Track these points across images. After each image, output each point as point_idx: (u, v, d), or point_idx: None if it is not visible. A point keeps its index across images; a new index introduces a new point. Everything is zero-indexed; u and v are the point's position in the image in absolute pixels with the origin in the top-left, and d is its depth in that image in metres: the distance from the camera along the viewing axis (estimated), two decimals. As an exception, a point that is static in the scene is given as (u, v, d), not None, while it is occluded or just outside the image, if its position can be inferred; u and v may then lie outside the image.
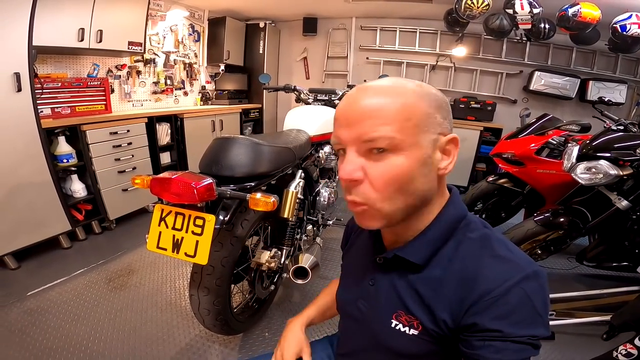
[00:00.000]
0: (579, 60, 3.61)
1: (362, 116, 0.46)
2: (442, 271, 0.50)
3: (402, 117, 0.45)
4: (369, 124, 0.45)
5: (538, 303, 0.44)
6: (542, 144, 2.07)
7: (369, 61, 4.22)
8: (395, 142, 0.45)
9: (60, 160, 2.16)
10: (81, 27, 2.28)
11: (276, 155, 1.21)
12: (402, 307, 0.52)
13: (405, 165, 0.45)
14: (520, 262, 0.47)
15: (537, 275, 0.46)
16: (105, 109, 2.57)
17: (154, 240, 0.95)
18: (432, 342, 0.50)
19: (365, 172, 0.46)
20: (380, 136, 0.44)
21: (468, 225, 0.52)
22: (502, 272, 0.46)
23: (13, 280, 1.88)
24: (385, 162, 0.46)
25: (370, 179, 0.46)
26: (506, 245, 0.49)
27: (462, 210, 0.54)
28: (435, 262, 0.51)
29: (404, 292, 0.53)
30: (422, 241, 0.52)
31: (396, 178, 0.46)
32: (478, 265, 0.47)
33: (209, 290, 1.09)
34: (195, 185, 0.85)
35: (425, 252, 0.51)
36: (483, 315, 0.44)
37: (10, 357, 1.33)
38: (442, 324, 0.48)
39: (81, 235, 2.35)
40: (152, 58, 3.24)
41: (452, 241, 0.51)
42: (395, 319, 0.53)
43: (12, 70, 1.76)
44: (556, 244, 1.91)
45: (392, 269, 0.55)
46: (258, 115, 4.37)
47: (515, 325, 0.43)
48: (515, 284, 0.44)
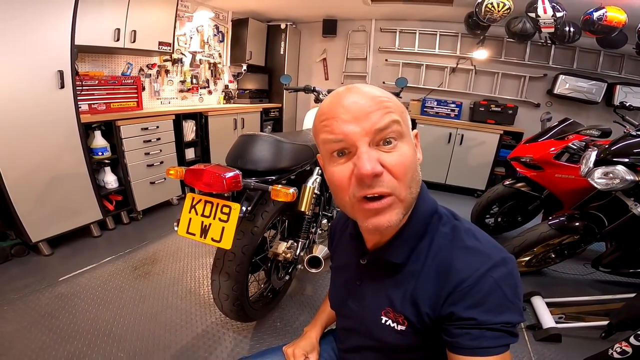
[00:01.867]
0: (607, 64, 3.52)
1: (372, 106, 0.46)
2: (420, 266, 0.52)
3: (398, 107, 0.49)
4: (378, 113, 0.46)
5: (508, 290, 0.46)
6: (562, 149, 2.05)
7: (388, 63, 4.24)
8: (401, 130, 0.47)
9: (95, 153, 2.32)
10: (117, 27, 2.43)
11: (296, 152, 1.30)
12: (389, 304, 0.55)
13: (411, 152, 0.48)
14: (488, 251, 0.49)
15: (505, 262, 0.48)
16: (137, 106, 2.72)
17: (184, 225, 1.05)
18: (418, 336, 0.53)
19: (383, 163, 0.46)
20: (392, 121, 0.46)
21: (440, 219, 0.55)
22: (471, 262, 0.48)
23: (46, 266, 2.00)
24: (398, 150, 0.47)
25: (388, 169, 0.46)
26: (475, 235, 0.52)
27: (433, 204, 0.56)
28: (414, 258, 0.54)
29: (389, 289, 0.55)
30: (401, 240, 0.54)
31: (409, 165, 0.47)
32: (450, 258, 0.50)
33: (229, 275, 1.18)
34: (225, 176, 0.95)
35: (404, 251, 0.54)
36: (458, 305, 0.47)
37: (38, 340, 1.41)
38: (425, 317, 0.51)
39: (110, 225, 2.50)
40: (179, 58, 3.40)
41: (427, 236, 0.54)
42: (385, 315, 0.56)
43: (56, 68, 1.90)
44: (570, 249, 1.90)
45: (376, 269, 0.58)
46: (278, 115, 4.48)
47: (487, 312, 0.45)
48: (484, 273, 0.46)
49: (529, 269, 2.07)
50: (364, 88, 0.48)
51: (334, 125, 0.47)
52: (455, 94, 4.05)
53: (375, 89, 0.49)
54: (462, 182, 3.76)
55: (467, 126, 3.64)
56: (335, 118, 0.47)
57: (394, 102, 0.49)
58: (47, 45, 1.85)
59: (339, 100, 0.47)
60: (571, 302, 1.75)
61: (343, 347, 0.73)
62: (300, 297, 1.83)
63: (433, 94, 4.08)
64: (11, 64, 1.72)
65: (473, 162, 3.68)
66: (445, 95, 4.08)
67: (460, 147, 3.66)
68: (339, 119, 0.46)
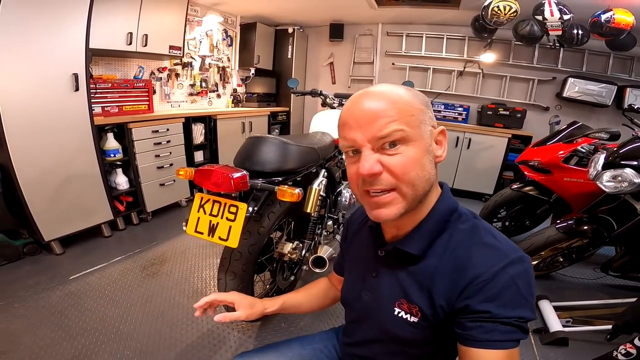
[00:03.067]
0: (617, 66, 3.47)
1: (374, 117, 0.50)
2: (437, 260, 0.54)
3: (406, 113, 0.51)
4: (381, 122, 0.50)
5: (523, 286, 0.48)
6: (570, 152, 2.04)
7: (395, 67, 4.25)
8: (405, 135, 0.50)
9: (108, 154, 2.37)
10: (129, 31, 2.49)
11: (302, 155, 1.32)
12: (403, 296, 0.57)
13: (417, 154, 0.51)
14: (504, 248, 0.51)
15: (522, 260, 0.50)
16: (148, 109, 2.78)
17: (193, 224, 1.08)
18: (430, 328, 0.55)
19: (383, 164, 0.51)
20: (393, 130, 0.49)
21: (460, 217, 0.57)
22: (488, 258, 0.50)
23: (58, 264, 2.03)
24: (401, 153, 0.51)
25: (388, 169, 0.51)
26: (492, 233, 0.54)
27: (453, 203, 0.59)
28: (431, 253, 0.56)
29: (404, 281, 0.57)
30: (419, 233, 0.57)
31: (412, 165, 0.51)
32: (468, 254, 0.52)
33: (235, 274, 1.20)
34: (232, 177, 0.98)
35: (422, 244, 0.56)
36: (473, 298, 0.48)
37: (47, 337, 1.43)
38: (439, 310, 0.52)
39: (121, 225, 2.54)
40: (189, 61, 3.46)
41: (446, 233, 0.56)
42: (398, 307, 0.57)
43: (71, 71, 1.96)
44: (579, 252, 1.88)
45: (393, 260, 0.60)
46: (285, 118, 4.51)
47: (502, 307, 0.47)
48: (501, 269, 0.48)
49: (536, 272, 2.05)
50: (374, 95, 0.52)
51: (346, 131, 0.54)
52: (462, 98, 4.04)
53: (386, 93, 0.52)
54: (470, 186, 3.74)
55: (475, 130, 3.62)
56: (347, 124, 0.53)
57: (402, 107, 0.51)
58: (63, 49, 1.90)
59: (350, 107, 0.53)
60: (579, 306, 1.73)
61: (350, 341, 0.74)
62: (305, 298, 1.84)
63: (440, 98, 4.07)
64: (28, 67, 1.77)
65: (481, 166, 3.66)
66: (452, 98, 4.07)
67: (467, 151, 3.64)
68: (349, 126, 0.53)
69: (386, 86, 0.54)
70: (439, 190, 0.59)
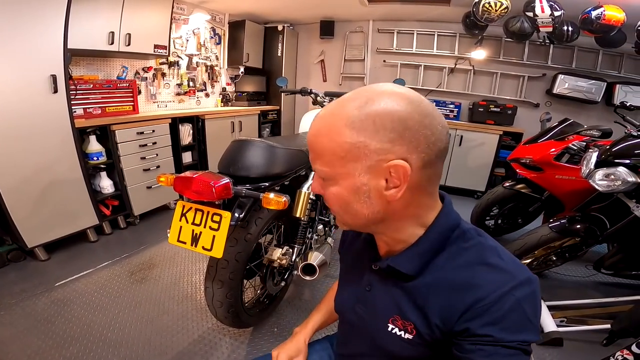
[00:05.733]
0: (606, 63, 3.49)
1: (309, 146, 0.52)
2: (434, 279, 0.51)
3: (329, 151, 0.47)
4: (311, 156, 0.52)
5: (529, 309, 0.45)
6: (562, 150, 2.03)
7: (386, 64, 4.22)
8: (325, 175, 0.50)
9: (91, 158, 2.30)
10: (111, 30, 2.41)
11: (290, 158, 1.28)
12: (397, 312, 0.54)
13: (337, 192, 0.50)
14: (511, 269, 0.48)
15: (530, 282, 0.47)
16: (132, 110, 2.70)
17: (175, 234, 1.03)
18: (425, 346, 0.52)
19: (323, 189, 0.52)
20: (316, 169, 0.51)
21: (463, 235, 0.53)
22: (493, 280, 0.47)
23: (43, 271, 1.99)
24: (326, 187, 0.51)
25: (324, 195, 0.53)
26: (499, 253, 0.50)
27: (454, 220, 0.54)
28: (428, 271, 0.52)
29: (399, 297, 0.55)
30: (414, 252, 0.53)
31: (333, 201, 0.52)
32: (470, 274, 0.48)
33: (223, 283, 1.16)
34: (214, 184, 0.92)
35: (417, 263, 0.53)
36: (475, 321, 0.45)
37: (34, 345, 1.40)
38: (435, 328, 0.50)
39: (107, 230, 2.48)
40: (175, 61, 3.38)
41: (446, 251, 0.52)
42: (392, 323, 0.55)
43: (49, 72, 1.88)
44: (572, 251, 1.87)
45: (387, 276, 0.57)
46: (276, 117, 4.46)
47: (505, 330, 0.44)
48: (507, 292, 0.45)
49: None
50: (315, 122, 0.50)
51: None
52: (453, 95, 4.03)
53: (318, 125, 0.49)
54: (462, 183, 3.74)
55: (466, 127, 3.62)
56: None
57: (328, 142, 0.47)
58: (40, 50, 1.83)
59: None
60: (573, 305, 1.73)
61: (343, 352, 0.72)
62: (297, 302, 1.80)
63: (431, 95, 4.06)
64: (3, 69, 1.70)
65: (473, 163, 3.66)
66: (443, 95, 4.06)
67: (459, 148, 3.63)
68: None
69: (334, 105, 0.48)
70: (435, 208, 0.54)
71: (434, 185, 0.51)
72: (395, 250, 0.56)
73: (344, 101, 0.47)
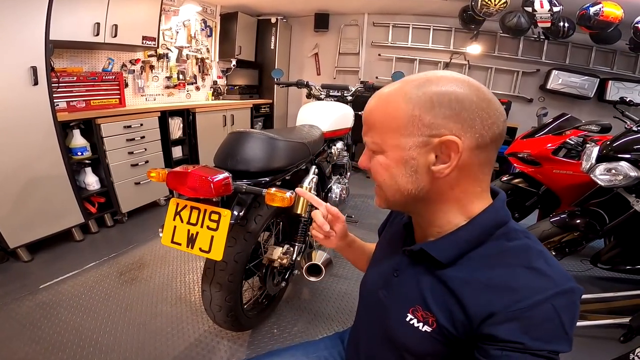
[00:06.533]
0: (599, 59, 3.52)
1: (363, 121, 0.54)
2: (467, 274, 0.48)
3: (383, 123, 0.50)
4: (364, 129, 0.54)
5: (566, 320, 0.42)
6: (560, 144, 2.02)
7: (381, 58, 4.18)
8: (376, 147, 0.51)
9: (74, 153, 2.19)
10: (97, 21, 2.29)
11: (291, 151, 1.21)
12: (420, 302, 0.52)
13: (385, 164, 0.51)
14: (556, 277, 0.45)
15: (572, 292, 0.44)
16: (119, 103, 2.59)
17: (169, 234, 0.95)
18: (443, 343, 0.49)
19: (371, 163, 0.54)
20: (367, 141, 0.53)
21: (507, 234, 0.50)
22: (533, 284, 0.44)
23: (26, 272, 1.90)
24: (375, 158, 0.53)
25: (371, 168, 0.54)
26: (545, 258, 0.47)
27: (503, 217, 0.51)
28: (461, 264, 0.50)
29: (425, 287, 0.52)
30: (451, 240, 0.51)
31: (380, 173, 0.52)
32: (509, 275, 0.45)
33: (221, 286, 1.09)
34: (212, 180, 0.84)
35: (452, 252, 0.50)
36: (505, 325, 0.43)
37: (21, 351, 1.34)
38: (458, 325, 0.47)
39: (94, 228, 2.38)
40: (165, 53, 3.26)
41: (485, 246, 0.49)
42: (412, 313, 0.52)
43: (29, 64, 1.77)
44: (571, 246, 1.87)
45: (418, 262, 0.55)
46: (269, 111, 4.37)
47: (538, 339, 0.41)
48: (545, 299, 0.42)
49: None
50: (372, 99, 0.53)
51: None
52: (448, 90, 4.02)
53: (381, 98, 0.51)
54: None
55: (461, 122, 3.60)
56: None
57: (382, 116, 0.50)
58: (19, 40, 1.72)
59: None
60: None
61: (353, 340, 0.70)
62: (297, 301, 1.75)
63: (426, 90, 4.03)
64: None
65: (467, 158, 3.66)
66: (438, 90, 4.05)
67: (454, 143, 3.62)
68: None
69: (394, 84, 0.51)
70: (483, 200, 0.52)
71: (484, 173, 0.50)
72: (430, 236, 0.55)
73: (404, 80, 0.50)
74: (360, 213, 2.91)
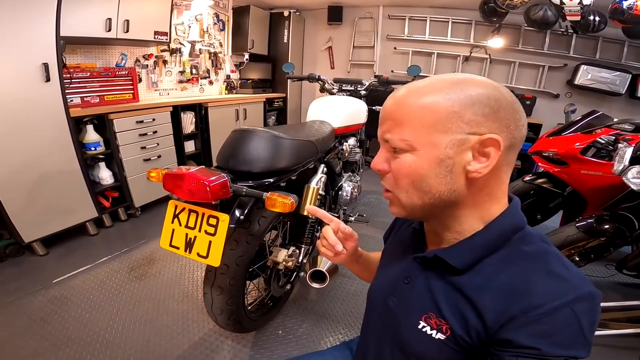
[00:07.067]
0: (631, 54, 3.28)
1: (384, 117, 0.50)
2: (483, 280, 0.47)
3: (415, 119, 0.46)
4: (387, 125, 0.49)
5: (586, 325, 0.41)
6: (589, 143, 1.88)
7: (397, 51, 4.05)
8: (405, 144, 0.47)
9: (88, 148, 2.21)
10: (108, 17, 2.28)
11: (297, 150, 1.15)
12: (433, 309, 0.50)
13: (416, 163, 0.47)
14: (575, 281, 0.44)
15: (592, 297, 0.43)
16: (132, 98, 2.59)
17: (167, 237, 0.92)
18: (456, 350, 0.48)
19: (390, 164, 0.50)
20: (392, 138, 0.48)
21: (524, 238, 0.48)
22: (552, 289, 0.43)
23: (41, 266, 1.93)
24: (400, 158, 0.48)
25: (391, 171, 0.50)
26: (563, 262, 0.46)
27: (519, 222, 0.50)
28: (477, 270, 0.48)
29: (438, 294, 0.51)
30: (467, 246, 0.49)
31: (407, 174, 0.48)
32: (527, 279, 0.44)
33: (222, 289, 1.05)
34: (209, 183, 0.80)
35: (468, 258, 0.49)
36: (522, 330, 0.41)
37: (29, 347, 1.36)
38: (473, 332, 0.46)
39: (107, 222, 2.41)
40: (178, 47, 3.25)
41: (501, 251, 0.48)
42: (424, 320, 0.51)
43: (40, 60, 1.78)
44: (597, 252, 1.75)
45: (430, 269, 0.53)
46: (282, 105, 4.33)
47: (555, 345, 0.40)
48: (565, 304, 0.41)
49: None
50: (397, 94, 0.49)
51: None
52: (468, 84, 3.87)
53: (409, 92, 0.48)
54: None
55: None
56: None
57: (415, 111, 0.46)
58: (30, 37, 1.73)
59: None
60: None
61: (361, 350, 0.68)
62: (303, 302, 1.71)
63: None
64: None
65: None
66: (457, 85, 3.90)
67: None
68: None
69: (428, 80, 0.48)
70: (500, 204, 0.50)
71: (507, 174, 0.49)
72: (445, 242, 0.53)
73: (435, 78, 0.48)
74: (372, 211, 2.84)
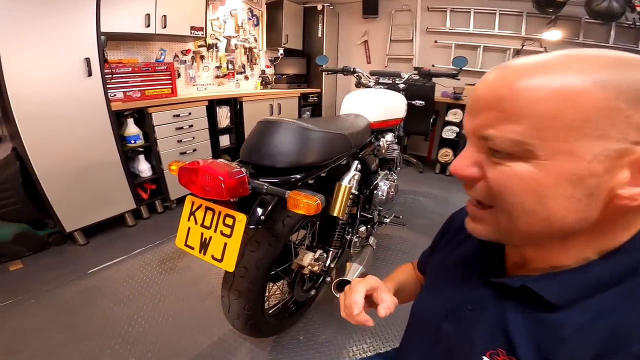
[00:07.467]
0: None
1: (484, 104, 0.35)
2: (586, 318, 0.35)
3: (545, 112, 0.31)
4: (488, 116, 0.34)
5: None
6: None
7: (438, 45, 3.81)
8: (525, 147, 0.32)
9: (128, 141, 2.27)
10: (147, 12, 2.34)
11: (328, 143, 1.04)
12: (504, 346, 0.40)
13: (534, 178, 0.32)
14: None
15: None
16: (171, 93, 2.64)
17: (183, 236, 0.86)
18: None
19: (484, 170, 0.37)
20: (498, 136, 0.33)
21: None
22: None
23: (80, 256, 2.01)
24: (507, 166, 0.34)
25: (488, 180, 0.36)
26: None
27: None
28: (583, 306, 0.36)
29: (516, 330, 0.39)
30: (572, 279, 0.37)
31: (518, 192, 0.34)
32: None
33: (240, 293, 0.98)
34: (224, 179, 0.71)
35: (571, 292, 0.37)
36: None
37: (55, 338, 1.38)
38: None
39: (145, 214, 2.48)
40: (214, 43, 3.28)
41: (617, 288, 0.35)
42: (489, 356, 0.41)
43: (82, 55, 1.85)
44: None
45: (508, 297, 0.42)
46: (317, 100, 4.27)
47: None
48: None
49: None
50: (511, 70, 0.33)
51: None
52: (519, 78, 3.53)
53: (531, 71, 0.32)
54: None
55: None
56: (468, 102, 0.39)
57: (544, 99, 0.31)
58: (72, 34, 1.80)
59: (478, 82, 0.37)
60: None
61: None
62: (329, 306, 1.61)
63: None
64: (37, 54, 1.68)
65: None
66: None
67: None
68: (467, 105, 0.39)
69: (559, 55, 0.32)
70: (632, 231, 0.36)
71: None
72: (536, 269, 0.41)
73: (580, 52, 0.32)
74: (410, 212, 2.67)
